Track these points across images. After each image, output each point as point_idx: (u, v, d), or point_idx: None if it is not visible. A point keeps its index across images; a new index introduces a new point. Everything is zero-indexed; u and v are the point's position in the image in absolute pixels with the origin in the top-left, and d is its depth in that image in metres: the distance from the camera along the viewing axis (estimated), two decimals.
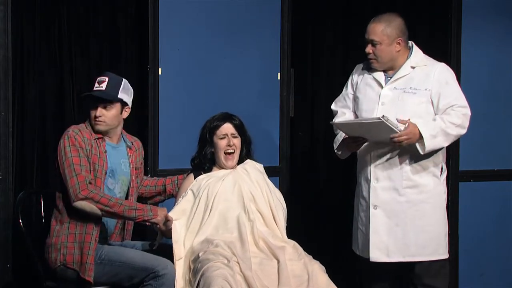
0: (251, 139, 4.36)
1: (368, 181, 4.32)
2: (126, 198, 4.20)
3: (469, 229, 5.42)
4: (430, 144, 4.15)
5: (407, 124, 4.11)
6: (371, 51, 4.27)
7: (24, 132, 4.83)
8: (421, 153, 4.16)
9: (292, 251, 3.96)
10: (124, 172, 4.20)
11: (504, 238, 5.51)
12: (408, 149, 4.22)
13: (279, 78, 5.16)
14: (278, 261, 3.86)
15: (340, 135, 4.36)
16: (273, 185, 4.32)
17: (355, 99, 4.42)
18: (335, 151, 4.40)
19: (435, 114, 4.24)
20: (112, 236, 4.20)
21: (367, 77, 4.38)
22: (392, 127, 4.05)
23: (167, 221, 4.03)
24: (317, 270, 3.87)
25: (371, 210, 4.29)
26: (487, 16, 5.42)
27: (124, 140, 4.27)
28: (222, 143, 4.24)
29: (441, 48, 5.39)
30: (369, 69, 4.38)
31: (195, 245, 4.03)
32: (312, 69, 5.44)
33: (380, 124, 4.06)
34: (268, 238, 4.01)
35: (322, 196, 5.44)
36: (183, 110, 4.95)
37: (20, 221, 4.09)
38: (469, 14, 5.37)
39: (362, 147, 4.32)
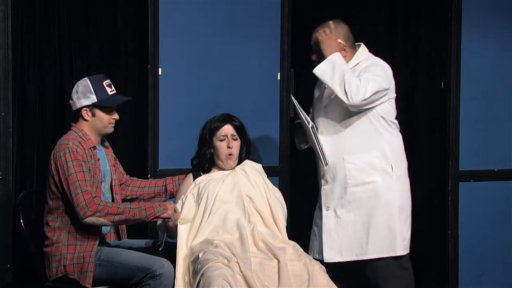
0: (251, 140, 4.36)
1: (320, 184, 4.40)
2: (112, 196, 4.16)
3: (469, 229, 5.43)
4: (323, 66, 4.21)
5: None
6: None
7: (24, 132, 4.83)
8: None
9: (292, 251, 3.95)
10: (108, 172, 4.17)
11: (504, 238, 5.51)
12: (352, 150, 4.28)
13: (279, 78, 5.16)
14: (278, 261, 3.86)
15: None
16: (272, 184, 4.32)
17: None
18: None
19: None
20: (108, 236, 4.19)
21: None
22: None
23: (175, 213, 4.02)
24: (318, 270, 3.86)
25: (324, 211, 4.35)
26: (487, 16, 5.42)
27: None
28: (222, 145, 4.23)
29: (441, 48, 5.39)
30: None
31: (194, 245, 4.03)
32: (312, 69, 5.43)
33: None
34: (268, 239, 4.00)
35: None
36: (183, 110, 4.95)
37: (21, 221, 4.08)
38: (469, 14, 5.37)
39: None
